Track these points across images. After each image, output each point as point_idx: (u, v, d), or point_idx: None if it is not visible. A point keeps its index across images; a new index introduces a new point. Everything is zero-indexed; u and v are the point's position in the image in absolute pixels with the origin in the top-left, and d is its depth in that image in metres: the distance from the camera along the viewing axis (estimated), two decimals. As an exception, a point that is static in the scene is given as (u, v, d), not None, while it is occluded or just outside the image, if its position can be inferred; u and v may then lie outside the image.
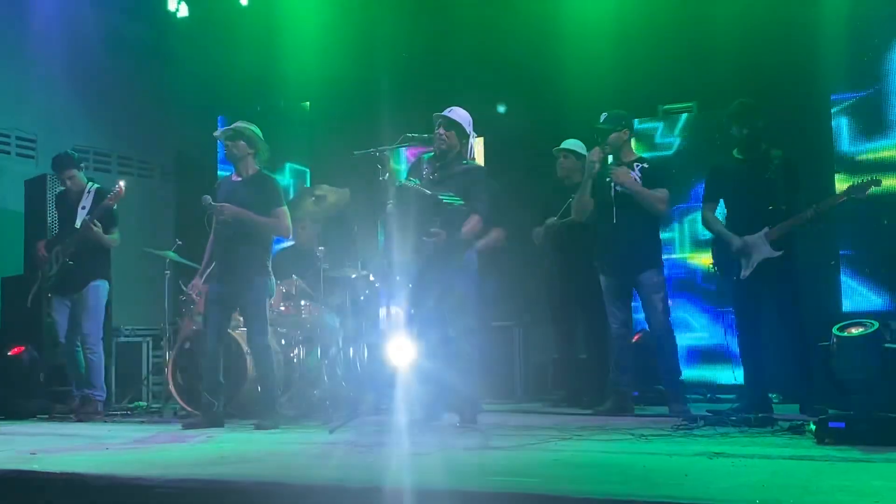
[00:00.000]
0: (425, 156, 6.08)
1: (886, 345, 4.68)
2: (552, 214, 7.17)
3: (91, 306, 7.14)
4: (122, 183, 7.08)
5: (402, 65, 9.11)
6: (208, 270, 6.42)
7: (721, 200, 6.36)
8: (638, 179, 6.41)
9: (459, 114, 5.91)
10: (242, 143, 6.33)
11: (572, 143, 7.29)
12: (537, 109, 8.85)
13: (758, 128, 6.12)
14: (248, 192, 6.28)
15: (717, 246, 6.31)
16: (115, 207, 7.10)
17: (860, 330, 4.67)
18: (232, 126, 6.38)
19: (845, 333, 4.71)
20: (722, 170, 6.39)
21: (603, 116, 6.57)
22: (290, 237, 6.72)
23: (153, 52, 9.81)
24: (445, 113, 5.89)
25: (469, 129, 5.93)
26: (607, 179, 6.49)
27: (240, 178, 6.39)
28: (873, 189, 5.86)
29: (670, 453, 4.24)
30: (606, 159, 6.55)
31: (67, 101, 9.42)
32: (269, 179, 6.42)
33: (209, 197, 6.23)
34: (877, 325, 4.66)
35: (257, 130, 6.40)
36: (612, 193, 6.46)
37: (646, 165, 6.50)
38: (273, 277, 6.44)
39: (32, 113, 9.13)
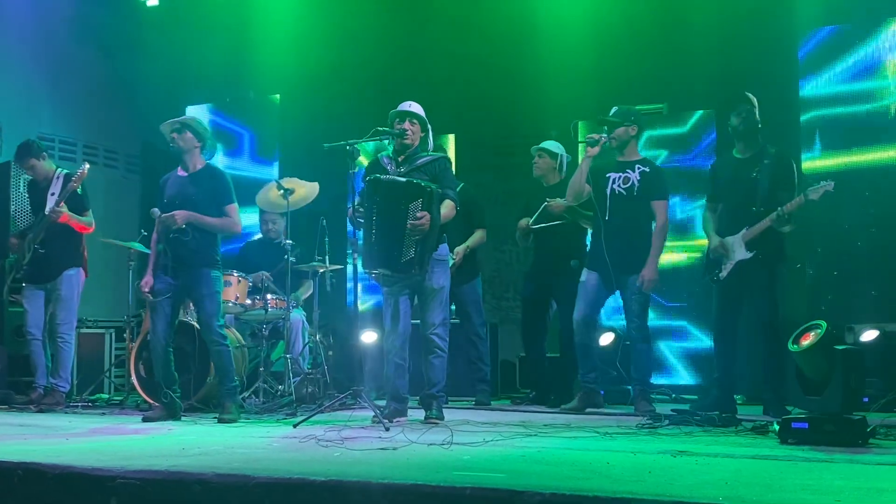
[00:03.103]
0: (382, 153, 6.08)
1: (837, 346, 4.73)
2: (531, 214, 7.15)
3: (64, 295, 7.08)
4: (86, 165, 7.06)
5: (375, 59, 9.07)
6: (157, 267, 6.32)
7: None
8: (635, 182, 6.39)
9: (418, 107, 5.96)
10: (189, 134, 6.20)
11: (551, 145, 7.27)
12: (510, 108, 8.86)
13: (752, 122, 6.14)
14: (197, 188, 6.17)
15: (707, 246, 6.35)
16: (79, 191, 7.02)
17: (809, 340, 4.72)
18: (178, 118, 6.27)
19: (796, 347, 4.77)
20: (718, 169, 6.43)
21: (613, 110, 6.53)
22: (241, 233, 6.65)
23: (122, 41, 9.68)
24: (406, 108, 5.92)
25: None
26: (606, 175, 6.48)
27: (186, 174, 6.25)
28: (827, 191, 5.90)
29: (634, 451, 4.26)
30: (608, 148, 6.51)
31: (33, 88, 9.29)
32: (217, 174, 6.31)
33: (157, 210, 6.13)
34: (825, 326, 4.72)
35: (205, 123, 6.33)
36: (608, 191, 6.44)
37: (647, 170, 6.42)
38: (221, 270, 6.34)
39: (-4, 100, 9.00)
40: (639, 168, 6.43)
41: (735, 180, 6.17)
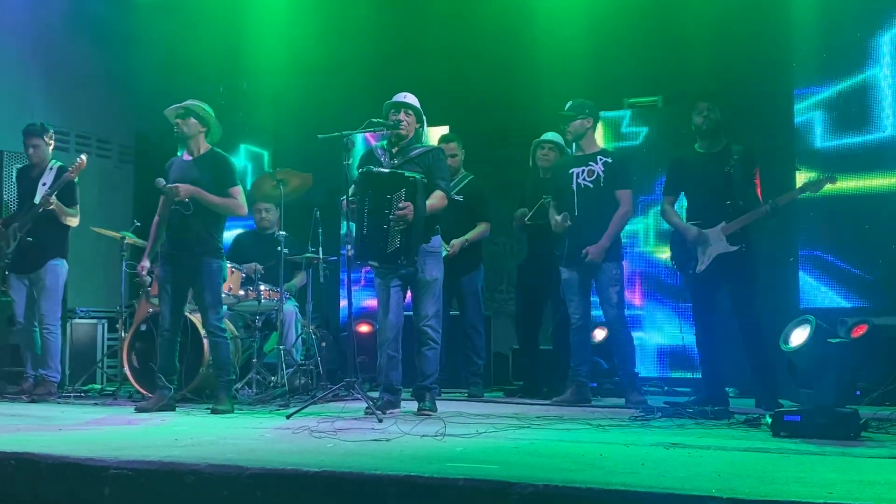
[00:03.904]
0: (377, 144, 6.08)
1: (830, 339, 4.75)
2: (527, 206, 7.14)
3: (49, 286, 7.04)
4: (83, 156, 7.04)
5: (370, 50, 9.04)
6: (155, 250, 6.33)
7: (682, 193, 6.41)
8: (600, 174, 6.42)
9: (413, 98, 5.95)
10: (193, 120, 6.21)
11: (553, 136, 7.25)
12: (505, 100, 8.84)
13: (714, 119, 6.16)
14: (201, 171, 6.16)
15: (675, 239, 6.36)
16: (76, 181, 7.01)
17: (801, 339, 4.73)
18: (182, 103, 6.26)
19: (789, 347, 4.77)
20: (682, 163, 6.44)
21: (568, 104, 6.58)
22: (247, 215, 6.66)
23: (115, 31, 9.63)
24: (401, 99, 5.91)
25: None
26: (569, 171, 6.50)
27: (191, 158, 6.26)
28: (828, 186, 5.92)
29: (627, 443, 4.27)
30: (570, 148, 6.56)
31: (26, 77, 9.25)
32: (221, 158, 6.31)
33: (162, 179, 6.14)
34: (813, 321, 4.72)
35: (209, 108, 6.31)
36: (574, 186, 6.47)
37: (609, 160, 6.47)
38: (225, 259, 6.35)
39: (-12, 89, 8.96)
40: (601, 159, 6.47)
41: (705, 175, 6.18)
